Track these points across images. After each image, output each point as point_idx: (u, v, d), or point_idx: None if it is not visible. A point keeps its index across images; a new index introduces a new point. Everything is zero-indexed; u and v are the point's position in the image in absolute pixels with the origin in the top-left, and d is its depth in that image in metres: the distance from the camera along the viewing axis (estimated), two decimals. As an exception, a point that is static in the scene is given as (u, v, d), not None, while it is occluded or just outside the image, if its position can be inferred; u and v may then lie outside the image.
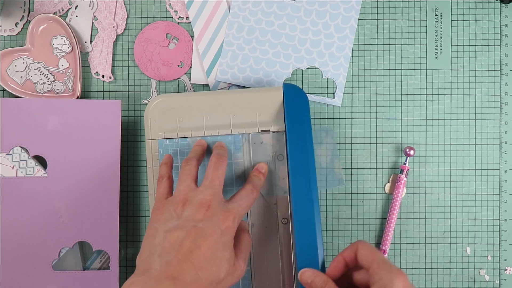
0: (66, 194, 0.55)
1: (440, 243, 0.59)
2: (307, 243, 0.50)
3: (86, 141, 0.55)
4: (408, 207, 0.59)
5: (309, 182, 0.51)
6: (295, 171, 0.51)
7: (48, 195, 0.55)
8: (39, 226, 0.55)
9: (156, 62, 0.59)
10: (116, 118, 0.56)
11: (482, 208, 0.59)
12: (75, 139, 0.55)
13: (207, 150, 0.53)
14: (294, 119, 0.53)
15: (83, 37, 0.59)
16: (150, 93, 0.59)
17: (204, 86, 0.59)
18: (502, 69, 0.60)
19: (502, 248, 0.59)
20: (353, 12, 0.59)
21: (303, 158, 0.51)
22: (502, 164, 0.60)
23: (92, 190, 0.55)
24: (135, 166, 0.59)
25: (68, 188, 0.55)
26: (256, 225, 0.54)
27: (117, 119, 0.56)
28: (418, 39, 0.60)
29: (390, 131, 0.59)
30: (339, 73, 0.59)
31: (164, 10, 0.59)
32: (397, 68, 0.59)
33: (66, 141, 0.55)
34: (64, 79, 0.58)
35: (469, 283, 0.59)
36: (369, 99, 0.59)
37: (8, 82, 0.57)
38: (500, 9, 0.60)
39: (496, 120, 0.60)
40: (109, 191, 0.55)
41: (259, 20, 0.59)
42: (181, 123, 0.55)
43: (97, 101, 0.56)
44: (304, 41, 0.59)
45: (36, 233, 0.55)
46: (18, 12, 0.59)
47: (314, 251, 0.50)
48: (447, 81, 0.59)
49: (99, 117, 0.55)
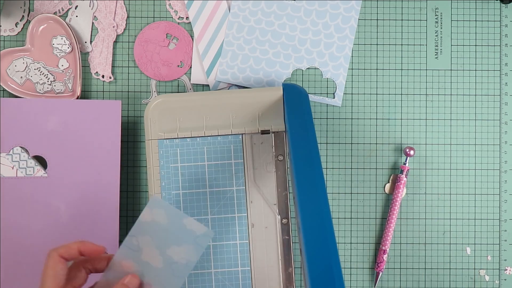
0: (66, 194, 0.55)
1: (440, 243, 0.59)
2: (321, 247, 0.42)
3: (86, 141, 0.55)
4: (408, 207, 0.59)
5: (315, 179, 0.45)
6: (299, 170, 0.47)
7: (48, 195, 0.55)
8: (39, 226, 0.55)
9: (156, 62, 0.59)
10: (116, 118, 0.56)
11: (482, 208, 0.59)
12: (75, 139, 0.55)
13: None
14: (296, 116, 0.51)
15: (83, 37, 0.59)
16: (150, 93, 0.59)
17: (204, 86, 0.59)
18: (502, 69, 0.60)
19: (502, 248, 0.59)
20: (353, 12, 0.59)
21: (307, 156, 0.47)
22: (502, 164, 0.59)
23: (92, 190, 0.55)
24: (135, 166, 0.59)
25: (68, 188, 0.55)
26: (255, 225, 0.54)
27: (117, 119, 0.56)
28: (418, 39, 0.59)
29: (390, 131, 0.59)
30: (339, 73, 0.59)
31: (164, 10, 0.59)
32: (397, 68, 0.59)
33: (66, 141, 0.55)
34: (64, 79, 0.58)
35: (469, 283, 0.59)
36: (369, 99, 0.59)
37: (8, 82, 0.57)
38: (500, 9, 0.60)
39: (496, 120, 0.59)
40: (109, 191, 0.55)
41: (259, 20, 0.59)
42: (181, 123, 0.55)
43: (97, 101, 0.56)
44: (304, 41, 0.59)
45: (36, 233, 0.55)
46: (18, 12, 0.59)
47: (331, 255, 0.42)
48: (447, 81, 0.59)
49: (99, 117, 0.55)
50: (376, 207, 0.59)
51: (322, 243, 0.41)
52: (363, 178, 0.59)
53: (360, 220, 0.59)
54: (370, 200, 0.59)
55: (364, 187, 0.59)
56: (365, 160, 0.59)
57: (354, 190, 0.59)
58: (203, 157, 0.55)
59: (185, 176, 0.54)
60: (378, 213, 0.59)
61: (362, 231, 0.59)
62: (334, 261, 0.40)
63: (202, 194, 0.54)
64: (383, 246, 0.58)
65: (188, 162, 0.55)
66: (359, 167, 0.59)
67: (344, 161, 0.59)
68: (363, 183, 0.59)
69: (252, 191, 0.54)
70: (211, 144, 0.55)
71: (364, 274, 0.59)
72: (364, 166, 0.59)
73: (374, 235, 0.59)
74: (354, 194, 0.59)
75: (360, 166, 0.59)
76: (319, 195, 0.44)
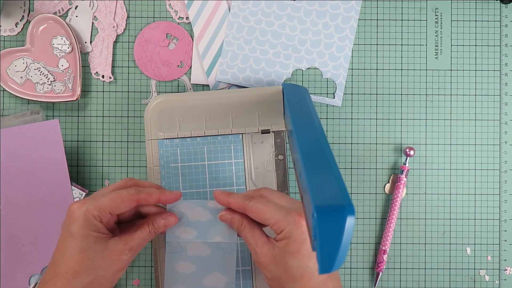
0: (23, 222, 0.55)
1: (440, 243, 0.59)
2: None
3: (33, 166, 0.55)
4: (408, 207, 0.59)
5: (326, 156, 0.39)
6: (309, 165, 0.38)
7: (5, 226, 0.55)
8: (4, 258, 0.55)
9: (156, 62, 0.59)
10: (57, 137, 0.55)
11: (482, 208, 0.59)
12: (21, 166, 0.55)
13: None
14: (298, 109, 0.47)
15: (83, 37, 0.59)
16: (150, 93, 0.59)
17: (204, 86, 0.59)
18: (502, 69, 0.60)
19: (502, 248, 0.59)
20: (353, 12, 0.59)
21: (317, 151, 0.40)
22: (502, 164, 0.59)
23: (49, 213, 0.55)
24: (135, 166, 0.59)
25: (24, 216, 0.55)
26: (256, 225, 0.54)
27: (58, 137, 0.55)
28: (418, 39, 0.60)
29: (390, 131, 0.59)
30: (339, 73, 0.59)
31: (164, 10, 0.59)
32: (397, 68, 0.59)
33: (12, 169, 0.55)
34: (64, 79, 0.58)
35: (469, 283, 0.59)
36: (369, 99, 0.59)
37: (8, 82, 0.57)
38: (500, 9, 0.60)
39: (496, 120, 0.60)
40: (65, 208, 0.55)
41: (259, 20, 0.59)
42: (181, 123, 0.55)
43: (34, 125, 0.55)
44: (304, 41, 0.59)
45: (2, 265, 0.55)
46: (18, 12, 0.59)
47: None
48: (447, 81, 0.59)
49: (40, 140, 0.55)
50: (376, 207, 0.59)
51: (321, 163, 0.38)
52: (363, 178, 0.59)
53: (360, 220, 0.59)
54: (370, 200, 0.59)
55: (364, 187, 0.59)
56: (365, 160, 0.59)
57: (354, 190, 0.59)
58: (203, 157, 0.55)
59: (185, 176, 0.54)
60: (378, 213, 0.59)
61: (362, 231, 0.59)
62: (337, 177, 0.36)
63: (202, 194, 0.54)
64: (383, 246, 0.58)
65: (188, 162, 0.55)
66: (359, 167, 0.59)
67: (344, 161, 0.59)
68: (363, 183, 0.59)
69: (252, 191, 0.54)
70: (211, 144, 0.55)
71: (364, 274, 0.59)
72: (364, 166, 0.59)
73: (374, 235, 0.59)
74: (354, 194, 0.59)
75: (360, 166, 0.59)
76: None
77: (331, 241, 0.33)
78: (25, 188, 0.55)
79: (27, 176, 0.55)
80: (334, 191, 0.35)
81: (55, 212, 0.55)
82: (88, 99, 0.59)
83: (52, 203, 0.55)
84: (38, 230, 0.55)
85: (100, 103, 0.59)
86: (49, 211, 0.55)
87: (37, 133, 0.55)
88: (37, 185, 0.55)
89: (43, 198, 0.55)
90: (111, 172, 0.59)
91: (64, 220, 0.45)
